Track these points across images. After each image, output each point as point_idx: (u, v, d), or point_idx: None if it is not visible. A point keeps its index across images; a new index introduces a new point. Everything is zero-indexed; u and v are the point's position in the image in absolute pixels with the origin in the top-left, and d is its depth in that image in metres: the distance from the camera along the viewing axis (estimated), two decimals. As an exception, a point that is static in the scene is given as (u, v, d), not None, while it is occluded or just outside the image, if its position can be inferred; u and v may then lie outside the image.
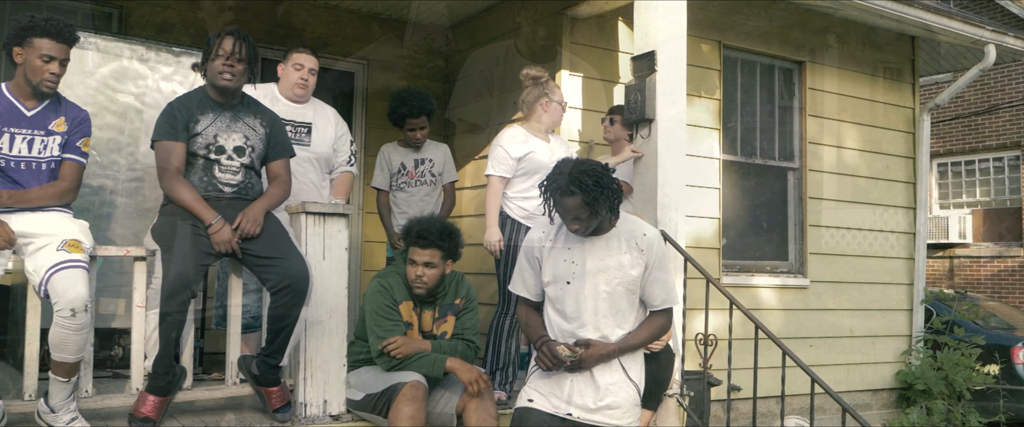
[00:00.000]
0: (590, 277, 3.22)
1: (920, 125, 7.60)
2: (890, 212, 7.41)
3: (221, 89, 3.71)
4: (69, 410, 3.34)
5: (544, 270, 3.30)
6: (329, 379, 3.86)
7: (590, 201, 3.08)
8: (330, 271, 3.89)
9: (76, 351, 3.22)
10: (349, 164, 4.73)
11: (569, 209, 3.12)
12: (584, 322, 3.23)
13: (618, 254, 3.24)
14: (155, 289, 3.39)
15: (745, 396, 5.97)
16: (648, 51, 4.97)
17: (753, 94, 6.87)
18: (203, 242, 3.47)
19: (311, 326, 3.80)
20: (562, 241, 3.29)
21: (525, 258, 3.38)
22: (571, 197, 3.09)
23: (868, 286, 7.23)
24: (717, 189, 6.48)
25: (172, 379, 3.54)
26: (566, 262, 3.26)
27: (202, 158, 3.68)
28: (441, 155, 5.27)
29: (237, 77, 3.70)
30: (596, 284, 3.23)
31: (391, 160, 5.21)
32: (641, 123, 5.02)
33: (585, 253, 3.24)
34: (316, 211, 3.85)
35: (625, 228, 3.28)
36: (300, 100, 4.50)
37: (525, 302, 3.43)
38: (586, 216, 3.12)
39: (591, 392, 3.21)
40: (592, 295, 3.23)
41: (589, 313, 3.23)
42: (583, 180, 3.07)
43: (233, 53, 3.66)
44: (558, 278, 3.26)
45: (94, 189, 4.72)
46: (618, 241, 3.26)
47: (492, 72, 6.54)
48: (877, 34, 7.30)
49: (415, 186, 5.16)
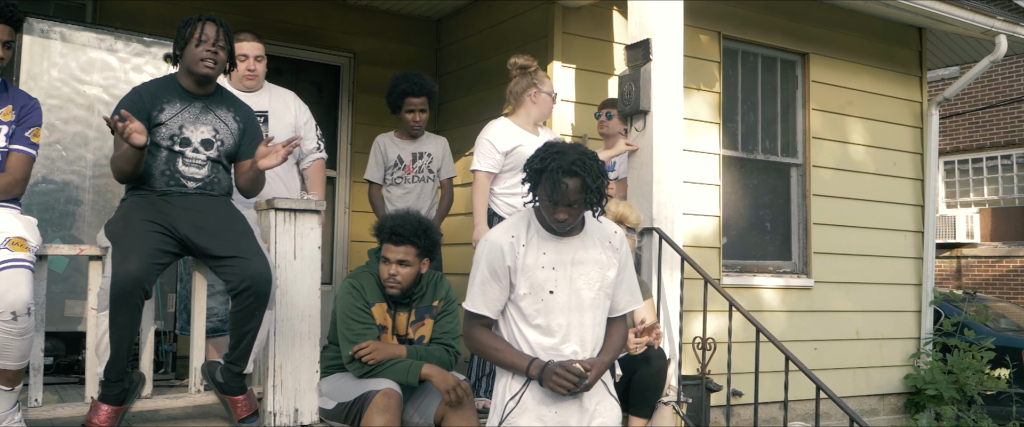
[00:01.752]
0: (572, 283, 2.83)
1: (928, 119, 7.34)
2: (897, 210, 7.16)
3: (202, 77, 3.49)
4: (13, 421, 3.09)
5: (518, 282, 2.80)
6: (300, 386, 3.61)
7: (592, 187, 2.70)
8: (302, 271, 3.64)
9: (19, 357, 2.98)
10: (318, 151, 4.48)
11: (566, 193, 2.69)
12: (568, 335, 2.82)
13: (595, 255, 2.87)
14: (105, 289, 3.14)
15: (746, 401, 5.74)
16: (643, 39, 4.73)
17: (754, 87, 6.62)
18: (158, 238, 3.23)
19: (281, 330, 3.56)
20: (536, 245, 2.83)
21: (491, 270, 2.82)
22: (573, 178, 2.68)
23: (874, 287, 6.97)
24: (717, 186, 6.24)
25: (128, 387, 3.30)
26: (545, 269, 2.81)
27: (165, 149, 3.45)
28: (440, 149, 4.98)
29: (219, 65, 3.50)
30: (579, 291, 2.83)
31: (387, 152, 4.88)
32: (636, 115, 4.77)
33: (562, 257, 2.83)
34: (285, 207, 3.60)
35: (594, 226, 2.92)
36: (251, 90, 4.26)
37: (480, 322, 2.88)
38: (580, 204, 2.73)
39: (578, 416, 2.84)
40: (576, 304, 2.83)
41: (575, 325, 2.83)
42: (587, 163, 2.71)
43: (217, 40, 3.46)
44: (537, 289, 2.80)
45: (59, 185, 4.51)
46: (591, 240, 2.88)
47: (482, 65, 6.31)
48: (883, 24, 7.05)
49: (412, 182, 4.86)
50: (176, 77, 3.57)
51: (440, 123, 6.54)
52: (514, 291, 2.81)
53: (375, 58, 6.66)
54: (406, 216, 3.59)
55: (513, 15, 6.05)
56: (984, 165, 14.41)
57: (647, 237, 4.66)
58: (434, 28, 6.93)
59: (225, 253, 3.32)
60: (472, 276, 2.87)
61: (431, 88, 4.82)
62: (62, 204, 4.52)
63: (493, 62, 6.13)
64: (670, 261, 4.63)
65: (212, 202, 3.48)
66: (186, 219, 3.34)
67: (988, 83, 13.81)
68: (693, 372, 4.98)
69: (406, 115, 4.79)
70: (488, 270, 2.81)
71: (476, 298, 2.85)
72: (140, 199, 3.41)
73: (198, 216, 3.38)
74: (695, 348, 4.65)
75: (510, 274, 2.80)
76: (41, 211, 4.45)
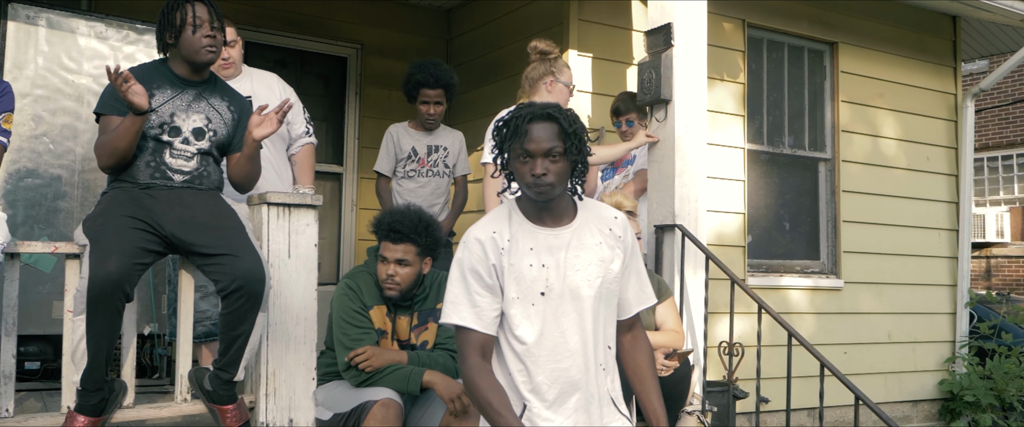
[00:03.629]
0: (566, 280, 2.27)
1: (963, 112, 6.99)
2: (930, 207, 6.81)
3: (203, 64, 3.25)
4: (-22, 433, 2.86)
5: (506, 284, 2.27)
6: (295, 395, 3.35)
7: (570, 132, 2.23)
8: (296, 271, 3.38)
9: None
10: (308, 135, 4.22)
11: (541, 139, 2.21)
12: (572, 350, 2.26)
13: (594, 246, 2.32)
14: (81, 291, 2.89)
15: (773, 408, 5.45)
16: (664, 23, 4.44)
17: (780, 78, 6.30)
18: (140, 236, 2.98)
19: (275, 334, 3.31)
20: (521, 239, 2.29)
21: (475, 271, 2.26)
22: (546, 122, 2.23)
23: (907, 287, 6.64)
24: (741, 181, 5.93)
25: (108, 396, 3.05)
26: (534, 266, 2.26)
27: (153, 139, 3.19)
28: (456, 144, 4.71)
29: (219, 49, 3.26)
30: (578, 290, 2.28)
31: (400, 142, 4.61)
32: (656, 105, 4.48)
33: (553, 250, 2.29)
34: (279, 202, 3.35)
35: (592, 212, 2.38)
36: (229, 78, 3.99)
37: (475, 344, 2.25)
38: (559, 156, 2.21)
39: None
40: (576, 309, 2.28)
41: (575, 337, 2.27)
42: (563, 110, 2.28)
43: (212, 22, 3.21)
44: (526, 290, 2.25)
45: (46, 180, 4.29)
46: (588, 228, 2.34)
47: (495, 56, 6.03)
48: (915, 12, 6.71)
49: (425, 176, 4.58)
50: (167, 62, 3.32)
51: (450, 117, 6.25)
52: (504, 296, 2.28)
53: (383, 49, 6.40)
54: (406, 211, 3.32)
55: (527, 1, 5.78)
56: (1015, 162, 13.99)
57: (669, 234, 4.37)
58: (445, 17, 6.67)
59: (214, 251, 3.06)
60: (450, 284, 2.32)
61: (449, 80, 4.56)
62: (49, 200, 4.29)
63: (506, 52, 5.87)
64: (694, 260, 4.34)
65: (200, 196, 3.22)
66: (171, 214, 3.09)
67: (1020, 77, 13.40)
68: (718, 378, 4.69)
69: (421, 107, 4.54)
70: (474, 271, 2.27)
71: (461, 306, 2.26)
72: (122, 193, 3.16)
73: (185, 211, 3.12)
74: (721, 353, 4.36)
75: (497, 275, 2.27)
76: (27, 207, 4.23)
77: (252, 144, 3.26)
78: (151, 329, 4.49)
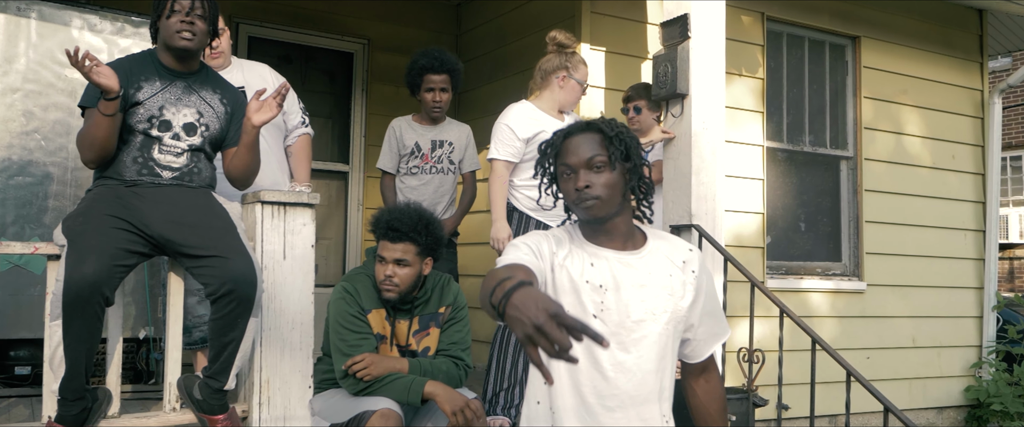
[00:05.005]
0: (627, 311, 2.02)
1: (990, 109, 6.76)
2: (956, 207, 6.58)
3: (180, 51, 3.07)
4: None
5: (558, 292, 2.03)
6: (290, 404, 3.17)
7: (614, 138, 2.02)
8: (292, 273, 3.20)
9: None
10: (304, 126, 4.04)
11: (581, 150, 2.01)
12: (619, 388, 2.01)
13: (662, 277, 2.07)
14: (56, 294, 2.72)
15: (793, 415, 5.23)
16: (680, 14, 4.25)
17: (801, 73, 6.09)
18: (122, 236, 2.81)
19: (268, 340, 3.13)
20: (580, 255, 2.05)
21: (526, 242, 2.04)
22: (588, 132, 2.04)
23: (932, 290, 6.41)
24: (760, 180, 5.72)
25: (89, 405, 2.88)
26: (590, 284, 2.01)
27: (141, 134, 3.03)
28: (463, 138, 4.49)
29: (198, 37, 3.08)
30: (641, 322, 2.03)
31: (403, 137, 4.40)
32: (672, 99, 4.29)
33: (615, 274, 2.03)
34: (273, 200, 3.17)
35: (661, 242, 2.14)
36: (218, 69, 3.81)
37: None
38: (606, 166, 2.00)
39: None
40: (633, 342, 2.02)
41: (624, 376, 2.01)
42: (606, 120, 2.08)
43: (193, 9, 3.05)
44: (579, 311, 2.00)
45: (38, 178, 4.13)
46: (656, 257, 2.09)
47: (505, 51, 5.85)
48: (941, 6, 6.48)
49: (429, 173, 4.38)
50: (155, 53, 3.16)
51: (460, 113, 6.09)
52: None
53: (391, 44, 6.24)
54: (405, 209, 3.13)
55: (538, -5, 5.61)
56: (1038, 162, 13.71)
57: (685, 235, 4.18)
58: (454, 12, 6.50)
59: (203, 252, 2.89)
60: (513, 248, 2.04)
61: (454, 65, 4.35)
62: (41, 199, 4.13)
63: (517, 47, 5.69)
64: (711, 262, 4.14)
65: (189, 195, 3.05)
66: (158, 213, 2.92)
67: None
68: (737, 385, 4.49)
69: (425, 94, 4.32)
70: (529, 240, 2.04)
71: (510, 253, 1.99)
72: (106, 190, 3.00)
73: (173, 210, 2.96)
74: (740, 360, 4.16)
75: (551, 259, 2.02)
76: (19, 206, 4.08)
77: (252, 131, 3.09)
78: (147, 333, 4.33)
